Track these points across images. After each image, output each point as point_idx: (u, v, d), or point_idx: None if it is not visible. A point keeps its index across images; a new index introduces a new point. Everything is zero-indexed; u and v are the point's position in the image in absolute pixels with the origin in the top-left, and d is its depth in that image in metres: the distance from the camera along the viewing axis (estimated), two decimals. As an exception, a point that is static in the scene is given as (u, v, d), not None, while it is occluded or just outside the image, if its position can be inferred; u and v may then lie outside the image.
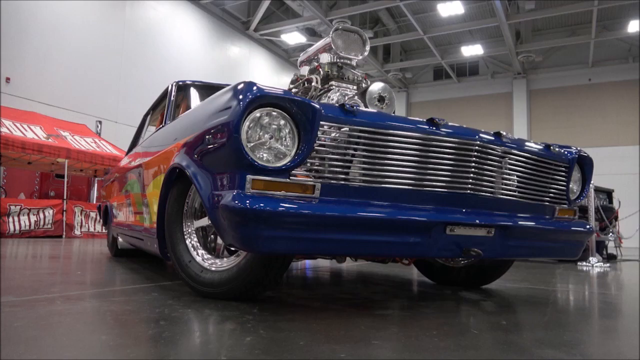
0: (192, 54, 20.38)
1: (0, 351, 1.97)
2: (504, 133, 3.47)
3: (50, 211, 12.76)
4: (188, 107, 4.90)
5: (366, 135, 2.95)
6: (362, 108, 3.29)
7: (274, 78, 25.18)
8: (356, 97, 3.90)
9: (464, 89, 28.96)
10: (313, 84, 4.19)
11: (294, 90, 4.37)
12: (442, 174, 3.16)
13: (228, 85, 3.22)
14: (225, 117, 2.78)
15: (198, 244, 3.48)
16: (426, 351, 2.18)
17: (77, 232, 13.39)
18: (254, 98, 2.73)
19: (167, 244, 3.58)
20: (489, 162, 3.33)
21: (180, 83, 5.26)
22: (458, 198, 3.21)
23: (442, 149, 3.16)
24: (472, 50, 25.03)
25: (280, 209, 2.62)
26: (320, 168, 2.87)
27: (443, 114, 28.01)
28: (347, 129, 2.92)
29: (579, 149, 3.99)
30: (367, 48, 4.43)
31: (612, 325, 3.00)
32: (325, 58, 4.35)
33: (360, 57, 4.41)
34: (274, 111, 2.80)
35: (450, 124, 3.25)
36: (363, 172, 2.94)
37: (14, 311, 2.72)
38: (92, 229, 13.73)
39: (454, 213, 3.16)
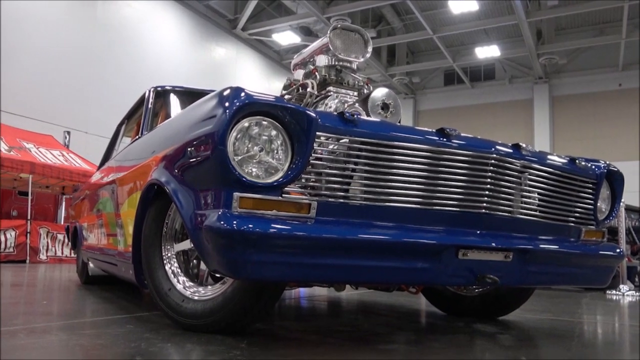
0: (172, 56, 20.44)
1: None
2: (524, 145, 3.49)
3: (13, 233, 12.74)
4: (167, 116, 4.91)
5: (368, 147, 2.95)
6: (364, 117, 3.30)
7: (264, 83, 25.23)
8: (357, 105, 3.92)
9: (478, 96, 29.05)
10: (308, 89, 4.21)
11: (287, 96, 4.39)
12: (454, 191, 3.16)
13: (213, 91, 3.23)
14: (210, 127, 2.78)
15: (179, 270, 3.48)
16: (436, 391, 2.18)
17: (43, 256, 13.36)
18: (242, 105, 2.73)
19: (144, 270, 3.57)
20: (506, 177, 3.34)
21: (159, 89, 5.27)
22: (472, 218, 3.21)
23: (454, 163, 3.17)
24: (487, 52, 25.12)
25: (272, 230, 2.62)
26: (317, 184, 2.87)
27: (455, 123, 28.01)
28: (347, 140, 2.92)
29: (608, 163, 4.00)
30: (369, 49, 4.45)
31: (645, 361, 2.99)
32: (322, 60, 4.37)
33: (362, 60, 4.43)
34: (265, 120, 2.81)
35: (462, 134, 3.26)
36: (365, 189, 2.95)
37: (-30, 346, 2.71)
38: (59, 253, 13.70)
39: (467, 235, 3.16)
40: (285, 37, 23.24)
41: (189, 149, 2.98)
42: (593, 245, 3.82)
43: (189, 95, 5.13)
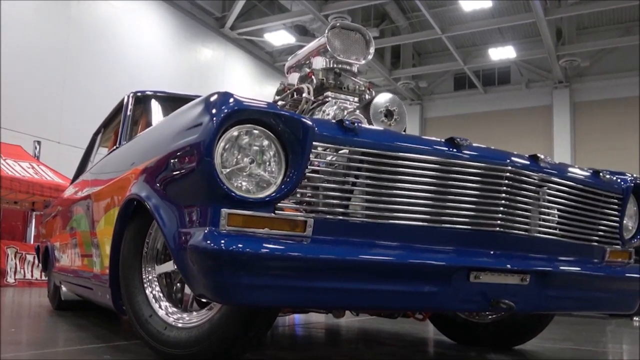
0: (154, 58, 20.45)
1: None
2: (542, 156, 3.49)
3: (-24, 254, 12.72)
4: (148, 124, 4.92)
5: (370, 158, 2.96)
6: (366, 125, 3.31)
7: (255, 87, 25.26)
8: (358, 112, 3.92)
9: (491, 102, 29.05)
10: (304, 95, 4.22)
11: (280, 102, 4.40)
12: (465, 207, 3.17)
13: (198, 96, 3.23)
14: (195, 137, 2.79)
15: (161, 295, 3.48)
16: None
17: (11, 279, 13.33)
18: (231, 112, 2.74)
19: (123, 295, 3.57)
20: (523, 192, 3.35)
21: (139, 94, 5.28)
22: (485, 237, 3.21)
23: (465, 176, 3.17)
24: (502, 54, 25.14)
25: (264, 250, 2.62)
26: (313, 200, 2.88)
27: (466, 132, 27.91)
28: (347, 151, 2.93)
29: (635, 176, 4.01)
30: (371, 50, 4.46)
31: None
32: (319, 63, 4.38)
33: (363, 62, 4.44)
34: (256, 129, 2.81)
35: (474, 144, 3.27)
36: (366, 204, 2.95)
37: None
38: (29, 276, 13.67)
39: (479, 256, 3.17)
40: (278, 37, 23.24)
41: (172, 161, 2.98)
42: (619, 267, 3.82)
43: (172, 101, 5.14)
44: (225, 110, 2.73)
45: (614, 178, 3.90)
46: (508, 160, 3.28)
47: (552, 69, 26.27)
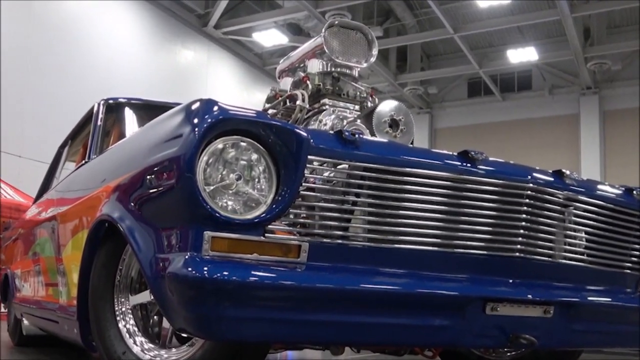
0: (128, 61, 20.43)
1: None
2: (568, 172, 3.50)
3: None
4: (122, 136, 4.92)
5: (373, 175, 2.96)
6: (368, 137, 3.31)
7: (242, 94, 25.25)
8: (359, 122, 3.93)
9: (510, 110, 29.01)
10: (298, 102, 4.22)
11: (271, 111, 4.41)
12: (481, 230, 3.17)
13: (178, 104, 3.24)
14: (174, 150, 2.79)
15: (136, 329, 3.47)
16: None
17: (-37, 312, 13.29)
18: (215, 122, 2.74)
19: (92, 329, 3.56)
20: (546, 213, 3.35)
21: (111, 101, 5.28)
22: (503, 264, 3.22)
23: (481, 195, 3.18)
24: (522, 56, 25.10)
25: (252, 279, 2.62)
26: (309, 221, 2.88)
27: (481, 144, 27.75)
28: (346, 166, 2.94)
29: (672, 194, 4.01)
30: (374, 52, 4.48)
31: None
32: (315, 66, 4.40)
33: (365, 65, 4.45)
34: (243, 141, 2.82)
35: (491, 159, 3.28)
36: (369, 227, 2.95)
37: None
38: (-17, 308, 13.63)
39: (497, 285, 3.17)
40: (268, 36, 23.21)
41: (148, 177, 2.98)
42: (655, 297, 3.83)
43: (148, 110, 5.15)
44: (209, 120, 2.73)
45: (649, 196, 3.91)
46: (529, 177, 3.28)
47: (579, 73, 26.24)
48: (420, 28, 24.46)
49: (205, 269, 2.59)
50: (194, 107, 2.86)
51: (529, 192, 3.26)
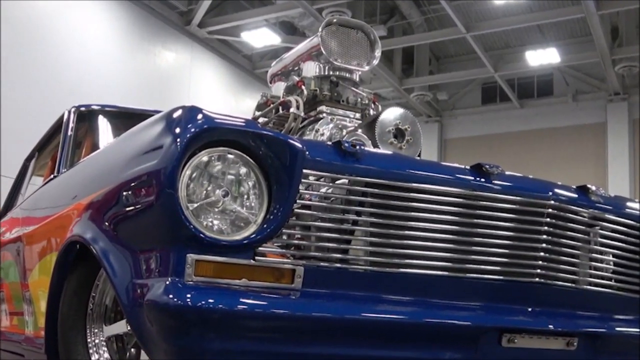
0: (102, 63, 20.39)
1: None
2: (593, 188, 3.51)
3: None
4: (95, 147, 4.92)
5: (376, 191, 2.97)
6: (370, 148, 3.32)
7: (230, 100, 25.23)
8: (360, 131, 3.94)
9: (529, 119, 28.97)
10: (292, 110, 4.22)
11: (261, 119, 4.41)
12: (496, 253, 3.17)
13: (159, 111, 3.25)
14: (154, 163, 2.79)
15: (110, 363, 3.47)
16: None
17: None
18: (199, 132, 2.74)
19: (61, 364, 3.56)
20: (569, 233, 3.36)
21: (83, 109, 5.28)
22: (521, 290, 3.22)
23: (496, 213, 3.19)
24: (542, 58, 25.06)
25: (241, 307, 2.62)
26: (304, 243, 2.88)
27: (497, 157, 27.76)
28: (346, 181, 2.94)
29: None
30: (377, 53, 4.49)
31: None
32: (311, 69, 4.40)
33: (367, 68, 4.47)
34: (231, 153, 2.82)
35: (508, 173, 3.28)
36: (371, 249, 2.96)
37: None
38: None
39: (514, 314, 3.17)
40: (259, 36, 23.18)
41: (124, 194, 2.98)
42: (691, 327, 3.83)
43: (124, 118, 5.15)
44: (192, 129, 2.73)
45: (685, 215, 3.91)
46: (550, 193, 3.29)
47: (606, 77, 26.19)
48: (429, 27, 24.39)
49: (189, 296, 2.59)
50: (175, 115, 2.86)
51: (550, 210, 3.26)
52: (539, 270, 3.22)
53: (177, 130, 2.75)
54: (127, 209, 2.96)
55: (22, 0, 18.53)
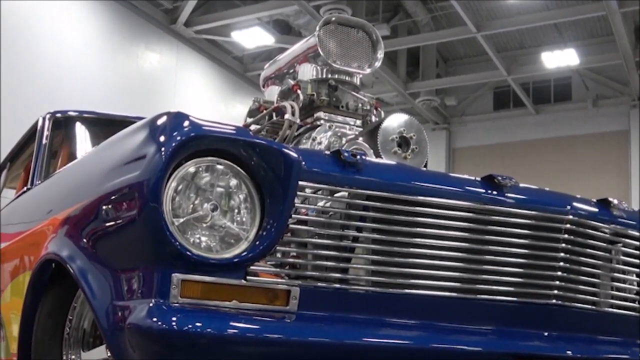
0: (79, 65, 20.36)
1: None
2: (615, 201, 3.51)
3: None
4: (72, 157, 4.92)
5: (379, 204, 2.97)
6: (372, 158, 3.32)
7: (219, 106, 25.21)
8: (361, 140, 3.94)
9: (545, 126, 28.94)
10: (287, 116, 4.22)
11: (253, 127, 4.41)
12: (510, 272, 3.17)
13: (141, 118, 3.25)
14: (136, 174, 2.79)
15: (88, 393, 3.46)
16: None
17: None
18: (186, 141, 2.74)
19: (35, 393, 3.55)
20: (589, 251, 3.36)
21: (59, 115, 5.28)
22: (536, 312, 3.22)
23: (510, 229, 3.19)
24: (560, 60, 25.02)
25: (231, 331, 2.62)
26: (300, 261, 2.88)
27: (510, 168, 27.54)
28: (346, 194, 2.94)
29: None
30: (380, 55, 4.49)
31: None
32: (307, 72, 4.41)
33: (368, 71, 4.47)
34: (220, 163, 2.82)
35: (522, 185, 3.29)
36: (373, 268, 2.96)
37: None
38: None
39: (529, 338, 3.17)
40: (251, 36, 23.14)
41: (104, 208, 2.98)
42: None
43: (104, 126, 5.15)
44: (178, 138, 2.73)
45: None
46: (568, 207, 3.29)
47: (629, 81, 26.14)
48: (436, 26, 24.37)
49: (174, 319, 2.58)
50: (159, 122, 2.86)
51: (568, 225, 3.26)
52: (556, 291, 3.23)
53: (162, 138, 2.75)
54: (107, 224, 2.96)
55: (-7, -2, 18.51)
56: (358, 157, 2.98)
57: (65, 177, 3.90)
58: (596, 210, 3.40)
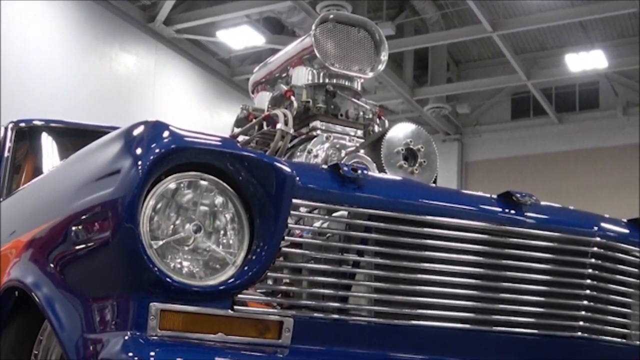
0: (46, 69, 20.32)
1: None
2: (649, 221, 3.52)
3: None
4: (37, 172, 4.92)
5: (382, 225, 2.97)
6: (375, 173, 3.33)
7: (203, 113, 25.21)
8: (362, 152, 3.95)
9: (569, 137, 28.88)
10: (279, 126, 4.22)
11: (242, 138, 4.41)
12: (529, 301, 3.18)
13: (116, 128, 3.25)
14: (110, 191, 2.79)
15: None
16: None
17: None
18: (165, 153, 2.74)
19: None
20: (618, 277, 3.36)
21: (23, 125, 5.28)
22: (559, 346, 3.22)
23: (529, 253, 3.19)
24: (586, 62, 24.91)
25: (216, 368, 2.62)
26: (294, 289, 2.88)
27: (530, 183, 27.46)
28: (346, 213, 2.95)
29: None
30: (384, 57, 4.50)
31: None
32: (302, 76, 4.41)
33: (371, 75, 4.47)
34: (204, 179, 2.82)
35: (543, 204, 3.29)
36: (376, 296, 2.96)
37: None
38: None
39: (551, 376, 3.17)
40: (239, 35, 23.08)
41: (73, 229, 2.98)
42: None
43: (74, 136, 5.16)
44: (157, 150, 2.73)
45: None
46: (595, 228, 3.29)
47: (664, 87, 26.25)
48: (447, 24, 24.30)
49: (152, 354, 2.58)
50: (136, 132, 2.86)
51: (595, 248, 3.26)
52: (581, 323, 3.23)
53: (138, 150, 2.75)
54: (77, 247, 2.96)
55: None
56: (359, 172, 2.98)
57: (30, 194, 3.90)
58: (627, 231, 3.40)
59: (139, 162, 2.70)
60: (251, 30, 22.77)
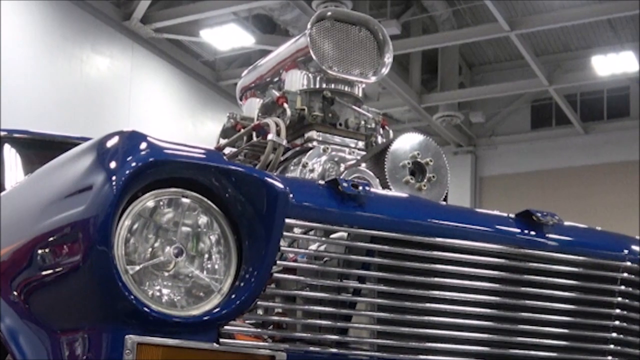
0: (9, 72, 20.39)
1: None
2: (684, 244, 3.52)
3: None
4: (0, 188, 4.93)
5: (386, 248, 2.97)
6: (378, 189, 3.34)
7: (185, 122, 25.22)
8: (364, 166, 3.95)
9: (597, 148, 28.80)
10: (270, 136, 4.22)
11: (228, 150, 4.42)
12: (552, 333, 3.17)
13: (87, 139, 3.25)
14: (81, 210, 2.78)
15: None
16: None
17: None
18: (143, 167, 2.74)
19: None
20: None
21: (-14, 135, 5.29)
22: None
23: (552, 279, 3.19)
24: (615, 65, 24.83)
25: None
26: (287, 320, 2.88)
27: (552, 201, 27.46)
28: (345, 234, 2.95)
29: None
30: (388, 59, 4.50)
31: None
32: (296, 81, 4.41)
33: (373, 79, 4.48)
34: (186, 196, 2.82)
35: (567, 224, 3.29)
36: (379, 328, 2.96)
37: None
38: None
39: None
40: (225, 35, 23.07)
41: (40, 252, 2.97)
42: None
43: (40, 148, 5.16)
44: (133, 164, 2.72)
45: None
46: (625, 251, 3.30)
47: (701, 93, 26.24)
48: (458, 23, 24.27)
49: (128, 393, 2.58)
50: (110, 143, 2.86)
51: (625, 274, 3.27)
52: (610, 357, 3.23)
53: (113, 164, 2.75)
54: (44, 273, 2.95)
55: None
56: (360, 188, 2.98)
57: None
58: (660, 254, 3.41)
59: (113, 178, 2.69)
60: (239, 29, 22.67)
